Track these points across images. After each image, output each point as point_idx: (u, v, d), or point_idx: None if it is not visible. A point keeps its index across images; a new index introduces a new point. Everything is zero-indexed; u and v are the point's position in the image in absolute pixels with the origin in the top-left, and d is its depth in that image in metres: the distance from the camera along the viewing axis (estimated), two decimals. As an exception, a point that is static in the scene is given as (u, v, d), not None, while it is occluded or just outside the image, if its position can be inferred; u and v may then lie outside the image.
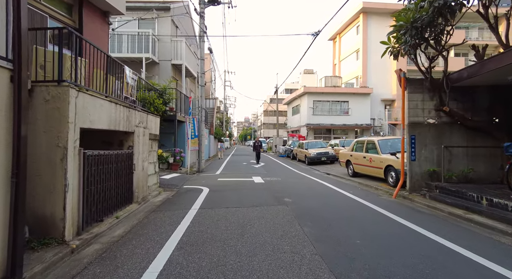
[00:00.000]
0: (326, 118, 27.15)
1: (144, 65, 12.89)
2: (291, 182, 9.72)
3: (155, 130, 7.98)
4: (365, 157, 9.85)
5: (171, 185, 8.76)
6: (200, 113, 12.85)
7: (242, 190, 7.92)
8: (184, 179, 10.06)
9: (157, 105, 7.82)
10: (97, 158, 4.65)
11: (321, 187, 8.73)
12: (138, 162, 6.52)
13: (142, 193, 6.78)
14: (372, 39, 28.22)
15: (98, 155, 4.68)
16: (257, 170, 13.52)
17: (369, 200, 6.77)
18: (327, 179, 10.87)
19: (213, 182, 9.54)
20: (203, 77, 13.01)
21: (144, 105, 7.32)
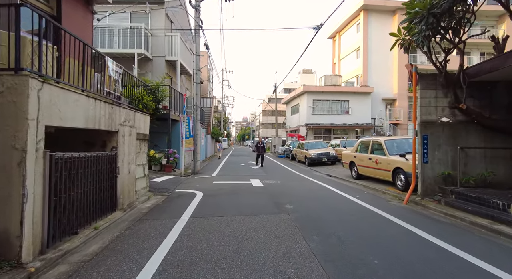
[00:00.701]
0: (326, 118, 26.56)
1: (136, 61, 12.23)
2: (292, 185, 9.09)
3: (144, 130, 7.32)
4: (370, 158, 9.24)
5: (162, 189, 8.11)
6: (195, 112, 12.19)
7: (239, 195, 7.28)
8: (177, 182, 9.41)
9: (146, 102, 7.17)
10: (70, 161, 4.00)
11: (324, 191, 8.11)
12: (123, 165, 5.87)
13: (128, 198, 6.13)
14: (373, 37, 27.70)
15: (71, 157, 4.02)
16: (255, 172, 12.88)
17: (379, 206, 6.15)
18: (329, 181, 10.25)
19: (208, 185, 8.89)
20: (199, 74, 12.36)
21: (132, 102, 6.66)
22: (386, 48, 29.06)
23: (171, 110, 12.43)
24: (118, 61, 6.77)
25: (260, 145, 16.01)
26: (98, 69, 5.32)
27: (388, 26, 27.82)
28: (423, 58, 27.84)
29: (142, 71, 12.97)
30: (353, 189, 8.62)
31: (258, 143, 16.42)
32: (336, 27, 32.96)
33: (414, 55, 28.02)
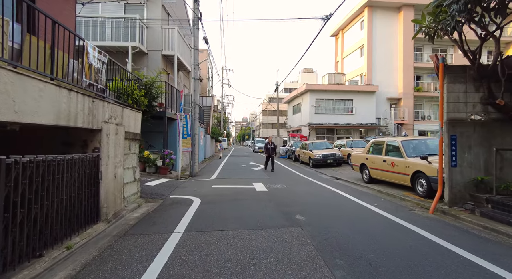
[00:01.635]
0: (329, 118, 25.74)
1: (130, 55, 11.40)
2: (299, 190, 8.26)
3: (134, 128, 6.50)
4: (385, 160, 8.42)
5: (155, 194, 7.28)
6: (193, 110, 11.37)
7: (241, 202, 6.45)
8: (172, 185, 8.58)
9: (136, 97, 6.35)
10: (32, 166, 3.17)
11: (337, 198, 7.28)
12: (108, 168, 5.05)
13: (114, 207, 5.31)
14: (377, 35, 26.91)
15: (33, 162, 3.19)
16: (257, 174, 12.06)
17: (403, 217, 5.32)
18: (339, 185, 9.43)
19: (206, 190, 8.06)
20: (197, 69, 11.54)
21: (120, 96, 5.84)
22: (390, 46, 28.51)
23: (168, 108, 11.61)
24: (111, 55, 6.11)
25: (271, 146, 13.26)
26: (76, 55, 4.50)
27: (393, 23, 27.05)
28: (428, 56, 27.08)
29: (137, 66, 12.15)
30: (367, 194, 7.80)
31: (268, 143, 13.37)
32: (339, 25, 32.18)
33: (419, 53, 27.23)
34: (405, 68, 26.42)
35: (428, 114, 27.52)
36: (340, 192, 7.99)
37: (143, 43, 12.17)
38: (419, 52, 27.32)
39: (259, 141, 37.90)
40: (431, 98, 27.33)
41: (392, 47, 27.05)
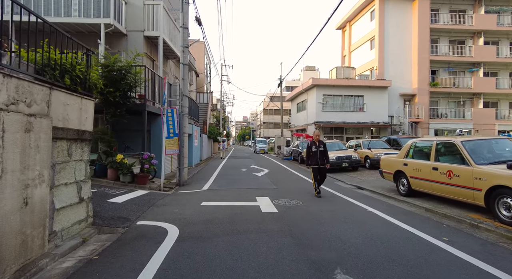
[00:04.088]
0: (338, 115, 23.47)
1: (102, 34, 9.17)
2: (321, 210, 6.01)
3: (79, 123, 4.28)
4: (436, 168, 6.17)
5: (117, 218, 5.05)
6: (180, 103, 9.13)
7: (241, 238, 4.19)
8: (147, 202, 6.34)
9: (82, 75, 4.09)
10: None
11: (380, 224, 5.03)
12: (5, 190, 2.82)
13: (22, 256, 3.08)
14: (389, 26, 24.65)
15: None
16: (261, 183, 9.82)
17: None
18: (368, 199, 7.21)
19: (192, 210, 5.82)
20: (186, 52, 9.30)
21: (45, 71, 3.61)
22: (404, 38, 26.08)
23: (150, 101, 9.40)
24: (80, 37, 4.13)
25: (319, 148, 7.52)
26: None
27: (407, 12, 24.79)
28: (446, 48, 24.83)
29: (113, 50, 9.92)
30: (415, 216, 5.57)
31: (314, 143, 7.61)
32: (346, 16, 29.92)
33: (435, 45, 24.97)
34: (420, 61, 24.16)
35: (445, 112, 25.25)
36: (378, 212, 5.74)
37: (121, 22, 9.94)
38: (435, 44, 25.05)
39: (261, 141, 35.70)
40: (448, 94, 25.09)
41: (405, 39, 24.79)
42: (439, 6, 25.00)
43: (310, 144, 7.65)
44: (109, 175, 8.22)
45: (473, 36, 24.99)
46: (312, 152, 7.54)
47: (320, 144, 7.57)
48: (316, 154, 7.50)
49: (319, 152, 7.51)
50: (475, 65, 24.95)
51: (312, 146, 7.57)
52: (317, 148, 7.52)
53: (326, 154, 7.57)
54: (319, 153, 7.50)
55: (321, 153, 7.52)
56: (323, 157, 7.52)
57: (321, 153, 7.52)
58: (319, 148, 7.53)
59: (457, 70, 25.49)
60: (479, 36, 24.68)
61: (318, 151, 7.50)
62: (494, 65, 24.96)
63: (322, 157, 7.50)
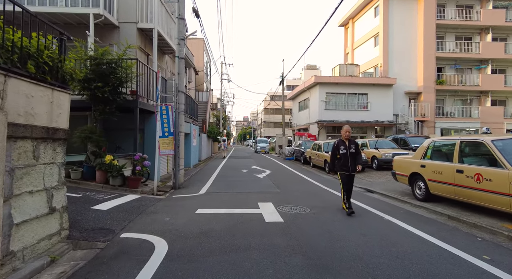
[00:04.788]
0: (341, 114, 22.80)
1: (92, 25, 8.49)
2: (332, 219, 5.33)
3: (49, 120, 3.60)
4: (461, 170, 5.48)
5: (99, 230, 4.37)
6: (175, 99, 8.44)
7: (242, 257, 3.49)
8: (136, 210, 5.66)
9: (51, 62, 3.41)
10: None
11: (403, 236, 4.34)
12: None
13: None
14: (394, 22, 23.94)
15: None
16: (263, 186, 9.14)
17: None
18: (382, 205, 6.53)
19: (186, 219, 5.13)
20: (182, 45, 8.62)
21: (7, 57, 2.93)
22: (409, 34, 25.28)
23: (143, 97, 8.74)
24: (69, 29, 3.48)
25: (349, 150, 5.69)
26: None
27: (412, 8, 24.06)
28: (452, 45, 24.08)
29: (105, 43, 9.23)
30: (441, 226, 4.88)
31: (342, 143, 5.77)
32: (348, 12, 29.20)
33: (441, 41, 24.21)
34: (426, 58, 23.45)
35: (451, 110, 24.52)
36: (397, 221, 5.05)
37: (112, 12, 9.26)
38: (441, 40, 24.32)
39: (262, 141, 35.02)
40: (455, 92, 24.37)
41: (410, 35, 24.07)
42: (445, 1, 24.29)
43: (337, 143, 5.78)
44: (97, 178, 7.54)
45: (481, 32, 24.26)
46: (340, 154, 5.69)
47: (350, 144, 5.67)
48: (345, 156, 5.62)
49: (350, 154, 5.60)
50: (482, 62, 24.22)
51: (339, 146, 5.71)
52: (346, 149, 5.63)
53: (359, 157, 5.75)
54: (350, 155, 5.60)
55: (353, 156, 5.62)
56: (355, 161, 5.65)
57: (353, 155, 5.62)
58: (350, 149, 5.62)
59: (464, 68, 24.77)
60: (486, 32, 23.95)
61: (349, 153, 5.61)
62: (502, 62, 24.23)
63: (354, 161, 5.63)
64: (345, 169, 5.64)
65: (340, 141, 5.81)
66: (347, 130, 5.75)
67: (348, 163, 5.61)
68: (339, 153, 5.71)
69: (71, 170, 7.61)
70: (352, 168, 5.64)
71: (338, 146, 5.75)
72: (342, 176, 5.72)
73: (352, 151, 5.65)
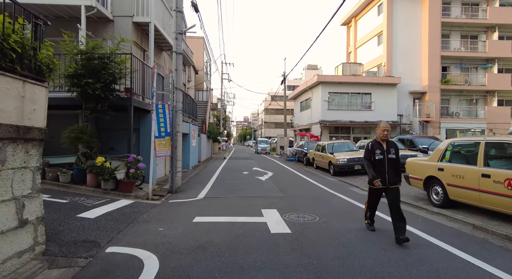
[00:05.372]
0: (344, 114, 22.23)
1: (83, 19, 7.96)
2: (346, 228, 4.79)
3: (19, 117, 3.08)
4: (487, 175, 4.94)
5: (82, 242, 3.84)
6: (173, 97, 7.91)
7: (244, 276, 2.99)
8: (128, 218, 5.12)
9: (15, 47, 2.86)
10: None
11: (430, 251, 3.81)
12: None
13: None
14: (398, 20, 23.39)
15: None
16: (266, 190, 8.60)
17: None
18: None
19: (181, 229, 4.58)
20: (180, 39, 8.10)
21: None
22: (413, 32, 24.62)
23: (139, 95, 8.21)
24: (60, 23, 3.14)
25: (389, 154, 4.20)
26: None
27: (417, 6, 23.52)
28: (457, 44, 23.53)
29: (98, 38, 8.70)
30: (469, 239, 4.34)
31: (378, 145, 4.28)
32: (351, 11, 28.67)
33: (446, 40, 23.66)
34: (431, 57, 22.90)
35: (457, 110, 23.96)
36: (417, 232, 4.50)
37: (106, 5, 8.74)
38: (446, 39, 23.77)
39: (262, 141, 34.49)
40: (460, 92, 23.83)
41: (415, 34, 23.53)
42: (451, -1, 23.77)
43: (371, 145, 4.31)
44: (88, 181, 7.01)
45: (487, 30, 23.71)
46: (374, 160, 4.21)
47: (389, 147, 4.21)
48: (382, 164, 4.15)
49: (388, 161, 4.15)
50: (489, 61, 23.68)
51: (375, 149, 4.22)
52: (384, 154, 4.16)
53: (398, 164, 4.30)
54: (388, 162, 4.15)
55: (392, 163, 4.18)
56: (394, 170, 4.19)
57: (392, 163, 4.18)
58: (388, 154, 4.16)
59: (469, 67, 24.22)
60: (493, 30, 23.41)
61: (387, 159, 4.15)
62: (509, 61, 23.67)
63: (393, 170, 4.17)
64: (380, 181, 4.13)
65: (376, 142, 4.29)
66: (385, 128, 4.22)
67: (385, 173, 4.12)
68: (373, 159, 4.22)
69: (60, 173, 7.09)
70: (390, 180, 4.11)
71: (373, 148, 4.25)
72: (372, 191, 4.37)
73: (391, 156, 4.16)
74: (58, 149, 7.70)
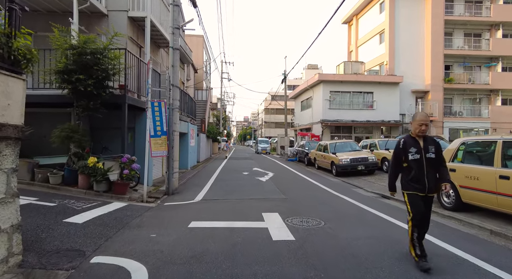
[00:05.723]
0: (346, 113, 21.89)
1: (76, 12, 7.61)
2: (354, 236, 4.42)
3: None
4: (507, 176, 4.58)
5: (65, 251, 3.49)
6: (169, 94, 7.56)
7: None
8: (119, 221, 4.77)
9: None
10: None
11: (450, 262, 3.45)
12: None
13: None
14: (400, 17, 23.03)
15: None
16: (267, 192, 8.24)
17: None
18: (403, 214, 5.61)
19: (175, 236, 4.22)
20: (177, 34, 7.75)
21: None
22: (416, 30, 24.19)
23: (133, 92, 7.86)
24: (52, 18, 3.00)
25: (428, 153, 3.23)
26: None
27: (419, 3, 23.16)
28: (461, 42, 23.17)
29: (91, 33, 8.34)
30: (489, 246, 3.99)
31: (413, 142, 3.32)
32: (352, 9, 28.31)
33: (449, 38, 23.30)
34: (433, 56, 22.55)
35: (460, 109, 23.60)
36: (433, 239, 4.13)
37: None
38: (449, 37, 23.40)
39: (263, 141, 34.14)
40: (463, 91, 23.46)
41: (417, 32, 23.17)
42: (454, -4, 23.41)
43: (404, 142, 3.35)
44: (80, 183, 6.67)
45: (491, 28, 23.34)
46: (408, 161, 3.27)
47: (428, 144, 3.28)
48: (419, 165, 3.22)
49: (427, 161, 3.22)
50: (492, 59, 23.32)
51: (408, 148, 3.29)
52: (421, 152, 3.23)
53: (444, 168, 3.32)
54: (427, 163, 3.22)
55: (431, 164, 3.24)
56: (436, 173, 3.28)
57: (431, 163, 3.24)
58: (427, 153, 3.23)
59: (473, 65, 23.86)
60: (497, 28, 23.04)
61: (425, 160, 3.22)
62: (514, 59, 23.33)
63: (434, 173, 3.27)
64: (418, 186, 3.20)
65: (410, 138, 3.36)
66: (423, 121, 3.26)
67: (423, 177, 3.18)
68: (406, 159, 3.28)
69: (50, 174, 6.74)
70: (430, 186, 3.19)
71: (405, 146, 3.30)
72: (413, 198, 3.26)
73: (430, 155, 3.21)
74: (49, 149, 7.36)
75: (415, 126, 3.33)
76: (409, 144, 3.32)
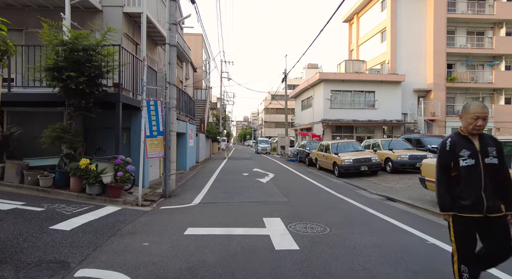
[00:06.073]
0: (347, 113, 21.59)
1: (68, 7, 7.29)
2: (362, 243, 4.11)
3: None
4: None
5: (47, 263, 3.17)
6: (165, 93, 7.24)
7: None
8: (111, 228, 4.46)
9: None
10: None
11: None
12: None
13: None
14: (402, 16, 22.73)
15: None
16: (268, 194, 7.93)
17: None
18: (411, 218, 5.34)
19: (169, 244, 3.91)
20: (174, 30, 7.43)
21: None
22: (418, 29, 23.78)
23: (129, 91, 7.55)
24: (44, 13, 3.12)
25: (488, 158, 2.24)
26: None
27: (421, 1, 22.84)
28: (463, 40, 22.85)
29: (85, 29, 8.02)
30: None
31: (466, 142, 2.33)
32: (353, 7, 28.00)
33: (452, 36, 22.98)
34: (436, 54, 22.24)
35: (462, 109, 23.27)
36: (447, 248, 3.85)
37: (93, -7, 8.07)
38: (451, 35, 23.09)
39: (263, 141, 33.84)
40: (466, 90, 23.19)
41: (419, 30, 22.87)
42: (456, -6, 23.10)
43: (452, 143, 2.39)
44: (72, 185, 6.35)
45: (494, 26, 23.04)
46: (459, 168, 2.33)
47: (486, 145, 2.31)
48: (473, 174, 2.29)
49: (485, 168, 2.27)
50: (495, 58, 23.01)
51: (459, 149, 2.34)
52: (476, 156, 2.29)
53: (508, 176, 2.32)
54: (485, 171, 2.27)
55: (490, 173, 2.27)
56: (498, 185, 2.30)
57: (491, 171, 2.27)
58: (485, 157, 2.28)
59: (475, 64, 23.56)
60: (500, 26, 22.74)
61: (482, 166, 2.27)
62: (517, 58, 23.02)
63: (494, 186, 2.29)
64: (470, 204, 2.29)
65: (459, 137, 2.41)
66: (479, 114, 2.29)
67: (480, 189, 2.28)
68: (456, 166, 2.36)
69: (40, 176, 6.42)
70: (489, 203, 2.27)
71: (455, 147, 2.37)
72: (460, 224, 2.35)
73: (491, 160, 2.28)
74: (40, 150, 7.05)
75: (468, 121, 2.32)
76: (459, 145, 2.34)
